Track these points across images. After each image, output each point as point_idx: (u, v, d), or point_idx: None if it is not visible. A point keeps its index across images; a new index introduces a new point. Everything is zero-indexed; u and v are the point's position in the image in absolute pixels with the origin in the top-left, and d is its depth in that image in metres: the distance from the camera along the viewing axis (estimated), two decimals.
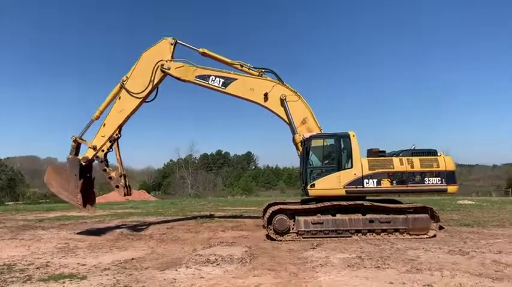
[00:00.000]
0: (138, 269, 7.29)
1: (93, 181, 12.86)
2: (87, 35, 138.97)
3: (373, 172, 10.41)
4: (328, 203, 10.28)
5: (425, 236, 10.18)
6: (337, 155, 10.77)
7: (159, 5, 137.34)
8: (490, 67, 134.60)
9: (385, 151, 11.18)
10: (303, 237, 10.37)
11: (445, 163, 10.42)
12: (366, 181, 10.38)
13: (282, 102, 12.08)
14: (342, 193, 10.44)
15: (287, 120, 12.09)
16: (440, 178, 10.35)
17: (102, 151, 12.42)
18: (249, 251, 9.02)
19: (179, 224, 14.90)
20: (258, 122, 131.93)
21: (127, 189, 12.72)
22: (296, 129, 11.86)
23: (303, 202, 11.69)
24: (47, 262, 8.12)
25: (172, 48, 12.61)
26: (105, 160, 12.62)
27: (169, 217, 18.16)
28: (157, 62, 12.36)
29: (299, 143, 11.69)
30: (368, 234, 10.30)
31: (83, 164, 12.07)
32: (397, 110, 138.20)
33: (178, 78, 12.51)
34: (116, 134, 12.59)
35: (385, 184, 10.37)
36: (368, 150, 11.20)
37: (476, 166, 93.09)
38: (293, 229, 10.51)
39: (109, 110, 12.52)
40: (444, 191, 10.47)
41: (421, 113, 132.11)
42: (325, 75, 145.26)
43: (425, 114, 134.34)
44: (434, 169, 10.39)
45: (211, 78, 12.47)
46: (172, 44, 12.58)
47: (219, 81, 12.43)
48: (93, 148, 12.22)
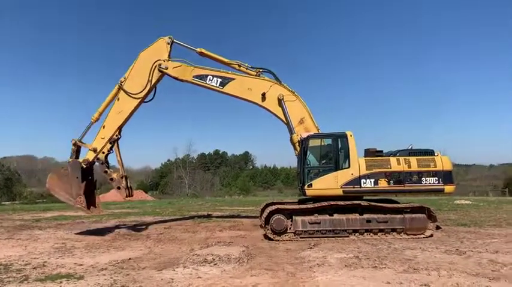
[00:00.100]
0: (136, 269, 7.28)
1: (95, 183, 12.82)
2: (87, 35, 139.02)
3: (371, 171, 10.43)
4: (325, 203, 10.30)
5: (422, 236, 10.21)
6: (334, 155, 10.79)
7: (159, 5, 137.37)
8: (490, 67, 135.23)
9: (382, 150, 11.20)
10: (301, 237, 10.38)
11: (442, 162, 10.45)
12: (363, 180, 10.39)
13: (280, 102, 12.09)
14: (339, 192, 10.45)
15: (285, 120, 12.10)
16: (437, 178, 10.38)
17: (103, 152, 12.36)
18: (246, 251, 9.02)
19: (177, 224, 14.89)
20: (255, 122, 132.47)
21: (129, 190, 12.71)
22: (294, 129, 11.87)
23: (300, 202, 11.71)
24: (44, 262, 8.09)
25: (169, 47, 12.58)
26: (106, 162, 12.58)
27: (167, 217, 18.14)
28: (155, 62, 12.33)
29: (296, 143, 11.69)
30: (365, 234, 10.32)
31: (84, 167, 12.00)
32: (397, 110, 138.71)
33: (176, 78, 12.49)
34: (116, 136, 12.56)
35: (383, 183, 10.40)
36: (365, 150, 11.20)
37: (473, 166, 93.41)
38: (290, 228, 10.52)
39: (108, 112, 12.47)
40: (441, 191, 10.49)
41: (421, 113, 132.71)
42: (325, 75, 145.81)
43: (425, 114, 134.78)
44: (432, 169, 10.42)
45: (209, 78, 12.46)
46: (169, 43, 12.55)
47: (217, 81, 12.42)
48: (94, 150, 12.16)
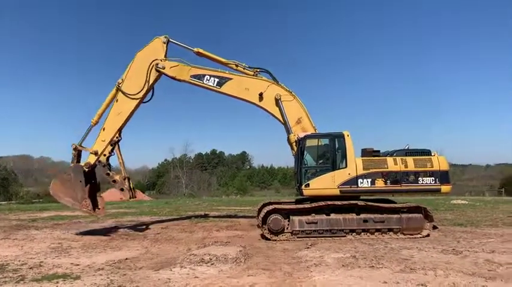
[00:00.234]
0: (132, 269, 7.26)
1: (98, 185, 12.76)
2: (87, 35, 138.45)
3: (367, 171, 10.45)
4: (322, 203, 10.31)
5: (419, 236, 10.24)
6: (331, 155, 10.80)
7: (159, 5, 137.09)
8: (490, 67, 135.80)
9: (379, 150, 11.23)
10: (298, 237, 10.38)
11: (439, 162, 10.48)
12: (360, 180, 10.41)
13: (277, 102, 12.09)
14: (336, 192, 10.47)
15: (282, 120, 12.11)
16: (434, 178, 10.41)
17: (104, 155, 12.31)
18: (243, 250, 9.02)
19: (173, 224, 14.87)
20: (253, 122, 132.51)
21: (132, 192, 12.68)
22: (291, 129, 11.88)
23: (297, 202, 11.71)
24: (40, 262, 8.05)
25: (165, 46, 12.54)
26: (108, 164, 12.53)
27: (164, 217, 18.11)
28: (152, 62, 12.28)
29: (294, 143, 11.69)
30: (362, 234, 10.35)
31: (86, 170, 11.92)
32: (397, 110, 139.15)
33: (173, 78, 12.45)
34: (117, 137, 12.52)
35: (379, 183, 10.42)
36: (362, 150, 11.23)
37: (469, 166, 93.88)
38: (288, 228, 10.52)
39: (107, 114, 12.37)
40: (438, 191, 10.52)
41: (421, 113, 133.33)
42: (325, 75, 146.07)
43: (425, 114, 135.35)
44: (428, 169, 10.45)
45: (206, 77, 12.44)
46: (164, 43, 12.50)
47: (214, 81, 12.40)
48: (95, 153, 12.06)
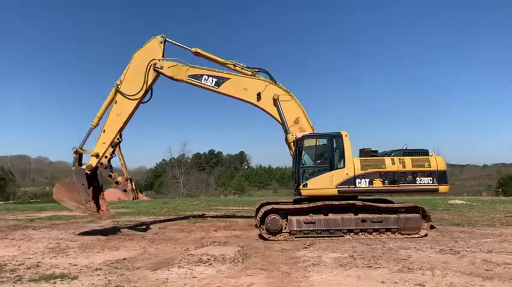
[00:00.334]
0: (130, 269, 7.24)
1: (101, 187, 12.73)
2: (87, 35, 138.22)
3: (365, 171, 10.46)
4: (320, 203, 10.32)
5: (416, 236, 10.27)
6: (329, 155, 10.81)
7: (159, 5, 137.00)
8: (489, 67, 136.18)
9: (377, 150, 11.25)
10: (296, 237, 10.39)
11: (437, 162, 10.50)
12: (358, 180, 10.43)
13: (275, 102, 12.10)
14: (334, 192, 10.48)
15: (280, 120, 12.12)
16: (431, 178, 10.43)
17: (105, 157, 12.25)
18: (241, 250, 9.02)
19: (171, 224, 14.85)
20: (251, 122, 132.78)
21: (135, 193, 12.65)
22: (289, 129, 11.89)
23: (295, 202, 11.72)
24: (38, 262, 8.02)
25: (162, 46, 12.49)
26: (110, 166, 12.48)
27: (162, 217, 18.07)
28: (150, 62, 12.25)
29: (292, 143, 11.71)
30: (360, 233, 10.36)
31: (88, 173, 11.89)
32: (397, 110, 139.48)
33: (171, 78, 12.43)
34: (117, 139, 12.44)
35: (377, 183, 10.43)
36: (360, 150, 11.24)
37: (467, 166, 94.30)
38: (285, 228, 10.52)
39: (107, 116, 12.32)
40: (435, 191, 10.55)
41: (421, 112, 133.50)
42: (325, 75, 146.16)
43: (425, 114, 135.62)
44: (426, 169, 10.47)
45: (204, 77, 12.43)
46: (161, 42, 12.46)
47: (212, 80, 12.39)
48: (96, 156, 12.03)
